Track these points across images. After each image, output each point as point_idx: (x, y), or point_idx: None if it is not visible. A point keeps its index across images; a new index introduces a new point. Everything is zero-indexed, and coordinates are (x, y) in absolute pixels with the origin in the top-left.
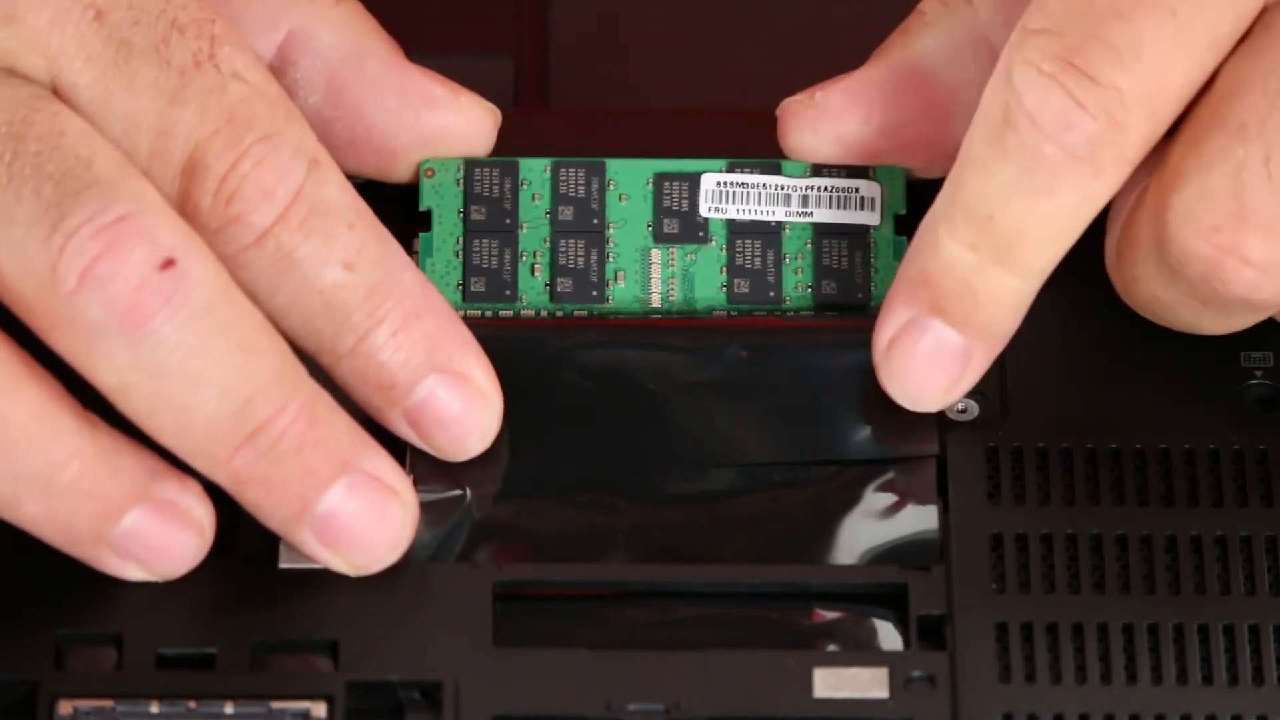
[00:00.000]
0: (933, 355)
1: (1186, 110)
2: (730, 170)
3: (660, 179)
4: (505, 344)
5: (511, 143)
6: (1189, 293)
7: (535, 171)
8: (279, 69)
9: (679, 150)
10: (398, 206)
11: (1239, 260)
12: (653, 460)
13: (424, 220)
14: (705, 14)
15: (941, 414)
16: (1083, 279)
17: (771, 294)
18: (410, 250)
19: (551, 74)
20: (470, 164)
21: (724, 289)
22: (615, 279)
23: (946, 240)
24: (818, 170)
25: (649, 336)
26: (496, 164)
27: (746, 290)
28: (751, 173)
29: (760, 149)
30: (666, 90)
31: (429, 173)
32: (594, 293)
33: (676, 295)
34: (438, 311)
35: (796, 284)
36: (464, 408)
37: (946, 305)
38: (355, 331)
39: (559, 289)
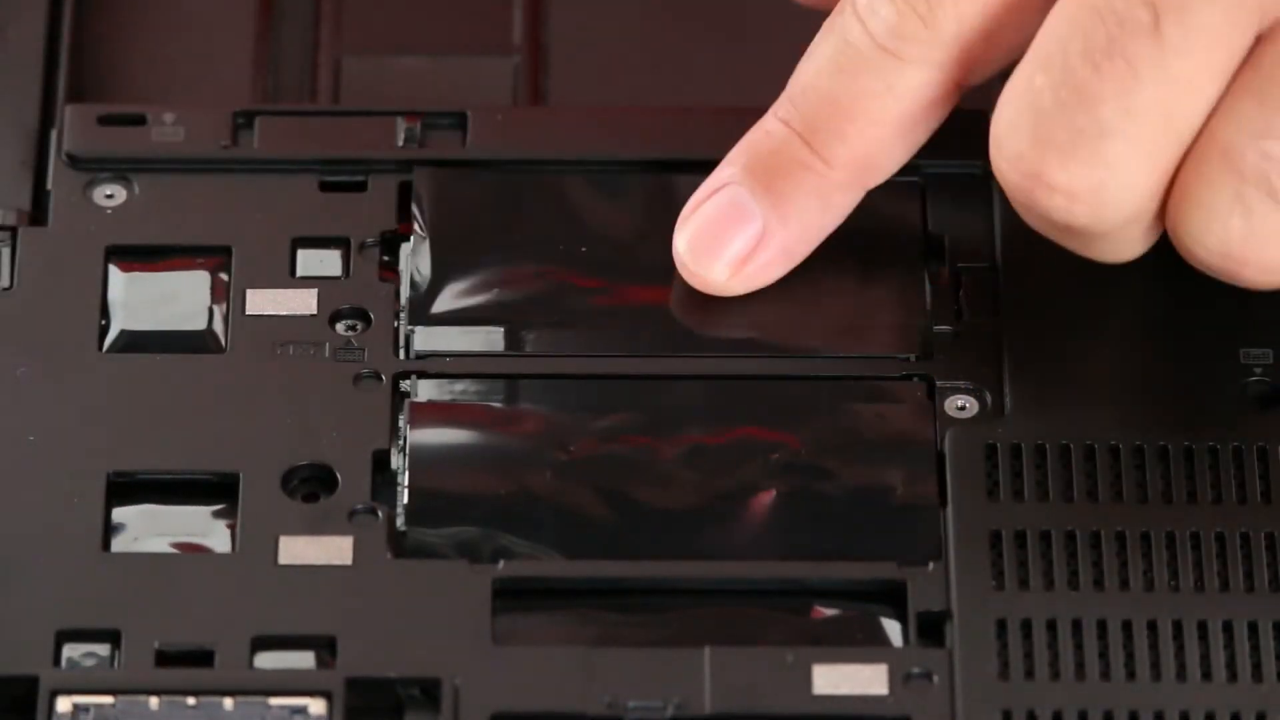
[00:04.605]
0: (725, 215)
1: None
2: None
3: None
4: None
5: (511, 142)
6: (1035, 223)
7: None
8: None
9: (678, 150)
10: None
11: (1046, 187)
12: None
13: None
14: (705, 14)
15: (941, 410)
16: (1082, 278)
17: None
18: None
19: (551, 74)
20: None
21: None
22: None
23: (768, 114)
24: None
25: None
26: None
27: None
28: None
29: None
30: (666, 90)
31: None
32: None
33: None
34: None
35: None
36: None
37: (752, 169)
38: None
39: None
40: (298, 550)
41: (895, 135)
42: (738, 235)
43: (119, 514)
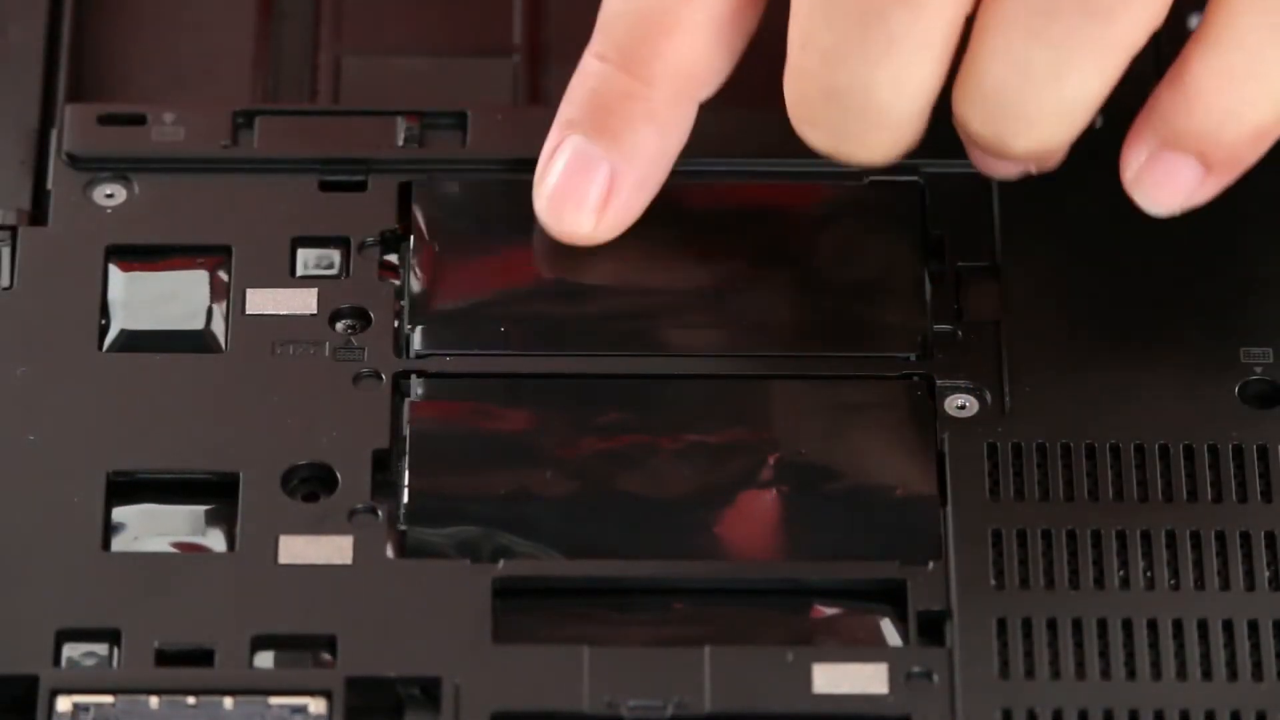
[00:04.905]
0: (572, 168)
1: None
2: None
3: None
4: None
5: (511, 142)
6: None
7: None
8: None
9: None
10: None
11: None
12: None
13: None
14: None
15: (941, 409)
16: (1082, 273)
17: None
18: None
19: (551, 74)
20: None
21: None
22: None
23: (585, 55)
24: None
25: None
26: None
27: None
28: None
29: (758, 145)
30: None
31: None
32: None
33: None
34: None
35: None
36: None
37: (583, 114)
38: None
39: None
40: (298, 550)
41: (711, 41)
42: (590, 184)
43: (119, 514)
